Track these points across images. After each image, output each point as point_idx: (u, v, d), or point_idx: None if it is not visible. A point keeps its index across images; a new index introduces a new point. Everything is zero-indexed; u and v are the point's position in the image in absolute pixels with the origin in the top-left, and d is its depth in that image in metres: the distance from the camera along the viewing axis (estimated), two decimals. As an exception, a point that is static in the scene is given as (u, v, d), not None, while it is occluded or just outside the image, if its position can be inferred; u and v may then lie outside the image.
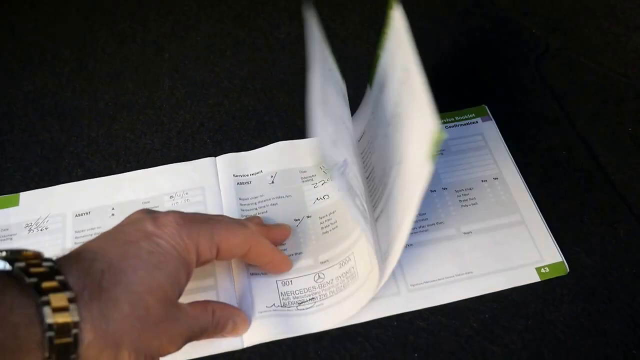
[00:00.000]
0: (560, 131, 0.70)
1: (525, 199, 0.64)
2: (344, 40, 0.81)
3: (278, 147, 0.68)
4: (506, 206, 0.64)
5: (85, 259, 0.43)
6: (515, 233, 0.62)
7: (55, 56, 0.79)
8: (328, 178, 0.65)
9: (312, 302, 0.57)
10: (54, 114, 0.73)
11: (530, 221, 0.62)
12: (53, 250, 0.61)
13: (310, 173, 0.66)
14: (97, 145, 0.70)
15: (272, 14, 0.84)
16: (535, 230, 0.62)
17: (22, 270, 0.39)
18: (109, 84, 0.76)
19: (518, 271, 0.59)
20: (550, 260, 0.59)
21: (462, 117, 0.71)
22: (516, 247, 0.61)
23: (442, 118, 0.71)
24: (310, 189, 0.65)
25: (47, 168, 0.68)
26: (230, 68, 0.78)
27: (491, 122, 0.71)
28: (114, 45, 0.81)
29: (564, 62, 0.77)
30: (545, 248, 0.60)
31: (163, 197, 0.65)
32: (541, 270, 0.59)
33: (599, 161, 0.67)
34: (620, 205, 0.64)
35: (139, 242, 0.46)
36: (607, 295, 0.57)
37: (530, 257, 0.60)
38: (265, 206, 0.64)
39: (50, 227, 0.63)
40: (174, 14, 0.84)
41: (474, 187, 0.65)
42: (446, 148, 0.68)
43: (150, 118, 0.73)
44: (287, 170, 0.67)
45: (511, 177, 0.66)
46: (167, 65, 0.78)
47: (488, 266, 0.59)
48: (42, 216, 0.64)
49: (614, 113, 0.72)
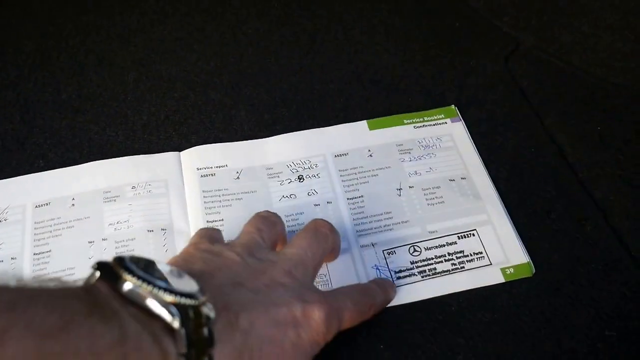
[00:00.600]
0: (529, 129, 0.70)
1: (492, 200, 0.63)
2: (312, 35, 0.80)
3: (244, 144, 0.68)
4: (473, 205, 0.63)
5: (240, 330, 0.42)
6: (481, 233, 0.61)
7: (17, 48, 0.78)
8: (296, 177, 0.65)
9: None
10: (15, 105, 0.71)
11: (496, 221, 0.62)
12: (12, 241, 0.60)
13: (276, 170, 0.66)
14: (59, 137, 0.68)
15: (239, 8, 0.84)
16: (502, 231, 0.61)
17: (186, 334, 0.36)
18: (72, 76, 0.75)
19: (483, 271, 0.58)
20: (516, 261, 0.59)
21: (432, 118, 0.71)
22: (481, 247, 0.60)
23: (411, 118, 0.70)
24: (277, 186, 0.64)
25: (8, 159, 0.66)
26: (197, 62, 0.77)
27: (460, 123, 0.70)
28: (78, 38, 0.79)
29: (533, 60, 0.77)
30: (510, 249, 0.60)
31: (124, 187, 0.64)
32: (506, 271, 0.58)
33: (567, 159, 0.67)
34: (588, 202, 0.64)
35: (287, 329, 0.45)
36: (574, 290, 0.57)
37: (495, 258, 0.59)
38: (230, 200, 0.63)
39: (9, 219, 0.62)
40: (140, 7, 0.83)
41: (441, 186, 0.65)
42: (414, 147, 0.68)
43: (115, 110, 0.71)
44: (253, 167, 0.66)
45: (479, 178, 0.65)
46: (132, 58, 0.77)
47: (452, 265, 0.59)
48: (1, 207, 0.63)
49: (582, 111, 0.72)
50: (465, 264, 0.59)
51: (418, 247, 0.60)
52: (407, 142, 0.68)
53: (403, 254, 0.60)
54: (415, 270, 0.59)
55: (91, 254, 0.60)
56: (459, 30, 0.81)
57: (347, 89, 0.74)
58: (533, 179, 0.66)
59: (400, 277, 0.58)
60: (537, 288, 0.57)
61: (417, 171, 0.66)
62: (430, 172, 0.66)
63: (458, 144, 0.68)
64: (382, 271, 0.58)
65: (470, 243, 0.60)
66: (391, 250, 0.60)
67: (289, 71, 0.76)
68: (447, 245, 0.60)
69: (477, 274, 0.58)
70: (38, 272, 0.58)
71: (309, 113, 0.71)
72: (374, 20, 0.82)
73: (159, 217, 0.62)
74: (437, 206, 0.63)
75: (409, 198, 0.64)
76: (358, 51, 0.78)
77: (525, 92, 0.74)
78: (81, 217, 0.62)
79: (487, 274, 0.58)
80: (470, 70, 0.76)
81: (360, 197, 0.64)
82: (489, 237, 0.61)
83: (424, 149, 0.68)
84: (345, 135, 0.69)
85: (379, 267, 0.59)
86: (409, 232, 0.61)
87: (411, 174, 0.66)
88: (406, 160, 0.67)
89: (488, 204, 0.63)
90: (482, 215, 0.62)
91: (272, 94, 0.73)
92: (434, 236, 0.61)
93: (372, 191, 0.64)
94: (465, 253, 0.60)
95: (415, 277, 0.58)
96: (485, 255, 0.60)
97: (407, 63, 0.77)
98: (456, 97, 0.73)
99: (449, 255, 0.60)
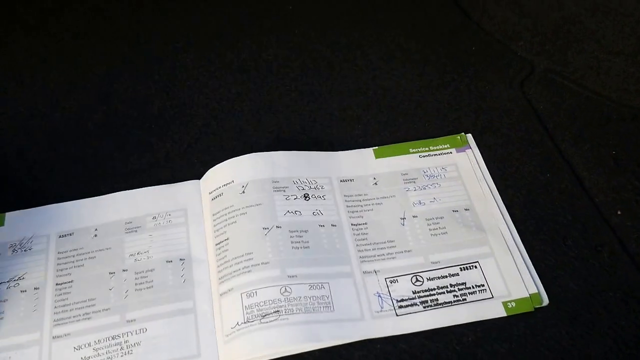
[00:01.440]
0: (544, 153, 0.71)
1: (495, 232, 0.64)
2: (330, 62, 0.82)
3: (252, 157, 0.68)
4: (475, 237, 0.64)
5: None
6: (483, 265, 0.62)
7: (45, 77, 0.80)
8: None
9: (277, 315, 0.57)
10: (43, 134, 0.74)
11: (499, 254, 0.62)
12: (36, 271, 0.62)
13: (282, 184, 0.66)
14: (85, 165, 0.70)
15: (260, 35, 0.85)
16: (504, 264, 0.62)
17: None
18: (98, 104, 0.77)
19: (484, 304, 0.59)
20: (517, 295, 0.59)
21: (437, 147, 0.71)
22: (483, 279, 0.61)
23: (417, 147, 0.71)
24: (282, 200, 0.65)
25: (37, 187, 0.68)
26: (219, 89, 0.79)
27: (465, 154, 0.71)
28: (104, 66, 0.81)
29: (548, 84, 0.78)
30: (512, 282, 0.60)
31: (146, 218, 0.66)
32: (508, 305, 0.59)
33: (583, 184, 0.68)
34: (604, 228, 0.64)
35: None
36: (591, 319, 0.57)
37: (497, 291, 0.60)
38: (234, 216, 0.64)
39: (34, 248, 0.64)
40: (164, 34, 0.85)
41: (444, 217, 0.65)
42: (419, 177, 0.69)
43: (139, 139, 0.73)
44: (259, 179, 0.66)
45: (483, 209, 0.66)
46: (156, 87, 0.79)
47: (454, 297, 0.60)
48: (26, 237, 0.64)
49: (597, 135, 0.72)
50: (467, 296, 0.60)
51: (420, 277, 0.61)
52: (412, 171, 0.69)
53: (405, 283, 0.61)
54: (417, 300, 0.59)
55: (112, 285, 0.61)
56: (475, 54, 0.82)
57: (365, 115, 0.75)
58: (549, 204, 0.66)
59: (402, 307, 0.59)
60: (554, 317, 0.58)
61: (422, 201, 0.67)
62: (434, 202, 0.67)
63: (462, 175, 0.69)
64: (384, 299, 0.59)
65: (472, 275, 0.61)
66: (393, 279, 0.61)
67: (308, 98, 0.77)
68: (449, 277, 0.61)
69: (478, 307, 0.59)
70: (59, 302, 0.60)
71: (328, 140, 0.72)
72: (391, 46, 0.84)
73: (178, 247, 0.64)
74: (440, 237, 0.64)
75: (412, 228, 0.65)
76: (376, 77, 0.80)
77: (540, 116, 0.75)
78: (103, 248, 0.64)
79: (488, 308, 0.59)
80: (486, 95, 0.77)
81: (364, 224, 0.65)
82: (491, 270, 0.61)
83: (428, 179, 0.69)
84: (352, 161, 0.70)
85: (381, 294, 0.60)
86: (412, 261, 0.62)
87: (415, 203, 0.67)
88: (411, 189, 0.68)
89: (491, 236, 0.64)
90: (485, 247, 0.63)
91: (291, 121, 0.75)
92: (437, 267, 0.62)
93: (376, 219, 0.65)
94: (467, 285, 0.60)
95: (417, 307, 0.59)
96: (487, 288, 0.60)
97: (423, 88, 0.78)
98: (472, 122, 0.74)
99: (451, 287, 0.60)
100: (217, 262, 0.62)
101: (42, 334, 0.58)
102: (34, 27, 0.86)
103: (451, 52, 0.83)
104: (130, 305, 0.60)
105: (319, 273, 0.60)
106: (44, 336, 0.58)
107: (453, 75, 0.80)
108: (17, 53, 0.83)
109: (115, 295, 0.60)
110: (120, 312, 0.59)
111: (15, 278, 0.62)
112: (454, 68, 0.81)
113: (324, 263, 0.61)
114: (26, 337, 0.58)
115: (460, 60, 0.81)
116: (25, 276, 0.62)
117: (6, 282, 0.61)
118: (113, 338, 0.58)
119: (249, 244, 0.61)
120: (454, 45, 0.84)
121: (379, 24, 0.87)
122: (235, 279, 0.59)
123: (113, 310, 0.59)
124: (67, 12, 0.87)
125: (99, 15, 0.88)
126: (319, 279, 0.60)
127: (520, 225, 0.64)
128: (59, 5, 0.88)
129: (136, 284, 0.61)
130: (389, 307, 0.59)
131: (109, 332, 0.58)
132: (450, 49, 0.83)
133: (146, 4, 0.89)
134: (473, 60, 0.82)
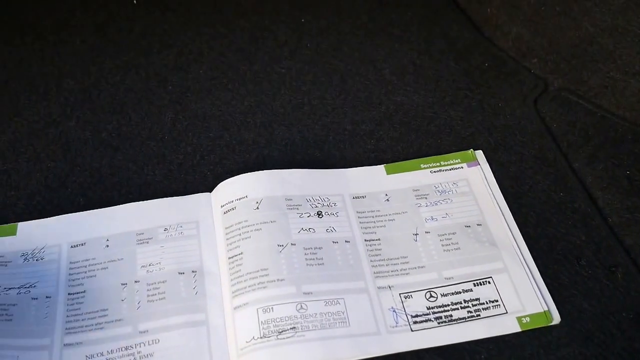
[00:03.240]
0: (558, 172, 0.71)
1: (508, 247, 0.64)
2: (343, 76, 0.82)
3: (265, 174, 0.68)
4: (488, 252, 0.64)
5: None
6: (497, 280, 0.62)
7: (59, 86, 0.80)
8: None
9: (293, 332, 0.57)
10: (57, 143, 0.74)
11: (512, 269, 0.62)
12: (48, 280, 0.62)
13: (296, 202, 0.67)
14: (99, 175, 0.71)
15: (273, 48, 0.86)
16: (518, 279, 0.62)
17: None
18: (112, 114, 0.77)
19: (499, 320, 0.59)
20: (532, 310, 0.59)
21: (448, 162, 0.71)
22: (497, 295, 0.61)
23: (428, 162, 0.71)
24: (296, 218, 0.65)
25: (50, 197, 0.69)
26: (231, 101, 0.79)
27: (476, 168, 0.71)
28: (118, 76, 0.82)
29: (562, 103, 0.78)
30: (526, 297, 0.60)
31: (157, 229, 0.66)
32: (522, 320, 0.59)
33: (597, 203, 0.68)
34: (618, 249, 0.64)
35: None
36: (604, 340, 0.57)
37: (511, 306, 0.60)
38: (249, 231, 0.64)
39: (46, 258, 0.64)
40: (177, 46, 0.86)
41: (457, 232, 0.65)
42: (430, 192, 0.69)
43: (153, 150, 0.73)
44: (274, 197, 0.66)
45: (495, 224, 0.66)
46: (169, 97, 0.79)
47: (468, 313, 0.60)
48: (38, 247, 0.65)
49: (611, 155, 0.72)
50: (481, 311, 0.59)
51: (434, 292, 0.61)
52: (424, 187, 0.69)
53: (419, 299, 0.60)
54: (431, 315, 0.59)
55: (124, 296, 0.61)
56: (488, 71, 0.82)
57: (378, 130, 0.75)
58: (562, 223, 0.66)
59: (417, 322, 0.59)
60: (567, 336, 0.58)
61: (434, 216, 0.67)
62: (446, 218, 0.67)
63: (474, 189, 0.69)
64: (399, 314, 0.59)
65: (486, 290, 0.61)
66: (408, 294, 0.61)
67: (321, 111, 0.77)
68: (463, 292, 0.61)
69: (493, 323, 0.59)
70: (71, 312, 0.60)
71: (341, 154, 0.72)
72: (404, 61, 0.84)
73: (189, 259, 0.64)
74: (453, 252, 0.64)
75: (425, 243, 0.65)
76: (389, 92, 0.80)
77: (554, 134, 0.75)
78: (115, 259, 0.64)
79: (503, 323, 0.59)
80: (499, 112, 0.77)
81: (378, 240, 0.65)
82: (504, 285, 0.61)
83: (440, 194, 0.69)
84: (363, 178, 0.70)
85: (396, 310, 0.60)
86: (426, 277, 0.62)
87: (427, 219, 0.67)
88: (422, 205, 0.68)
89: (504, 251, 0.64)
90: (498, 262, 0.63)
91: (304, 134, 0.75)
92: (450, 282, 0.62)
93: (389, 235, 0.65)
94: (481, 301, 0.60)
95: (431, 323, 0.59)
96: (501, 303, 0.60)
97: (436, 104, 0.78)
98: (485, 139, 0.74)
99: (465, 303, 0.60)
100: (231, 275, 0.62)
101: (53, 340, 0.58)
102: (48, 36, 0.86)
103: (464, 68, 0.83)
104: (142, 316, 0.60)
105: (334, 289, 0.60)
106: (54, 342, 0.58)
107: (466, 92, 0.80)
108: (31, 62, 0.83)
109: (128, 306, 0.60)
110: (133, 322, 0.59)
111: (26, 285, 0.62)
112: (466, 84, 0.81)
113: (339, 279, 0.61)
114: (35, 341, 0.58)
115: (473, 77, 0.82)
116: (36, 284, 0.62)
117: (17, 288, 0.61)
118: (126, 349, 0.58)
119: (264, 260, 0.61)
120: (467, 61, 0.84)
121: (392, 38, 0.87)
122: (251, 294, 0.59)
123: (126, 320, 0.59)
124: (81, 22, 0.88)
125: (113, 25, 0.88)
126: (334, 295, 0.60)
127: (534, 244, 0.64)
128: (73, 14, 0.89)
129: (148, 295, 0.61)
130: (404, 323, 0.59)
131: (122, 343, 0.58)
132: (463, 65, 0.83)
133: (160, 15, 0.90)
134: (486, 77, 0.82)
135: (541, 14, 0.82)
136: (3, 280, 0.62)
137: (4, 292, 0.61)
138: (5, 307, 0.60)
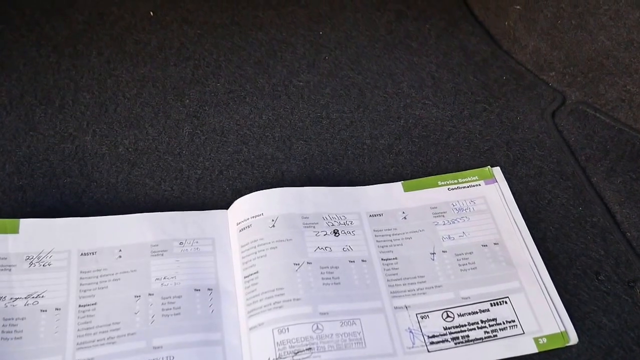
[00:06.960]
0: (576, 186, 0.71)
1: (525, 267, 0.64)
2: (361, 89, 0.82)
3: (281, 191, 0.68)
4: (505, 272, 0.64)
5: None
6: (514, 300, 0.61)
7: (76, 100, 0.80)
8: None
9: (309, 353, 0.57)
10: (74, 158, 0.73)
11: (529, 289, 0.62)
12: (57, 290, 0.60)
13: (312, 220, 0.66)
14: (116, 191, 0.70)
15: (291, 61, 0.85)
16: (534, 299, 0.61)
17: None
18: (129, 129, 0.77)
19: (515, 340, 0.59)
20: (549, 331, 0.59)
21: (465, 180, 0.71)
22: (514, 315, 0.60)
23: (445, 180, 0.71)
24: (312, 236, 0.65)
25: (66, 213, 0.68)
26: (250, 115, 0.79)
27: (494, 186, 0.71)
28: (135, 90, 0.81)
29: (580, 116, 0.78)
30: (543, 318, 0.60)
31: (172, 242, 0.65)
32: (539, 341, 0.59)
33: (615, 218, 0.68)
34: (637, 263, 0.64)
35: None
36: (624, 356, 0.57)
37: (528, 327, 0.60)
38: (264, 250, 0.64)
39: (53, 264, 0.61)
40: (194, 59, 0.85)
41: (474, 252, 0.65)
42: (448, 210, 0.69)
43: (170, 164, 0.73)
44: (290, 214, 0.66)
45: (512, 243, 0.66)
46: (187, 111, 0.79)
47: (485, 333, 0.59)
48: (45, 250, 0.62)
49: (630, 169, 0.72)
50: (498, 332, 0.59)
51: (451, 312, 0.61)
52: (441, 204, 0.69)
53: (436, 319, 0.60)
54: (448, 336, 0.59)
55: (137, 309, 0.60)
56: (506, 84, 0.82)
57: (397, 144, 0.75)
58: (581, 238, 0.66)
59: (434, 343, 0.59)
60: (587, 352, 0.58)
61: (451, 235, 0.66)
62: (463, 237, 0.66)
63: (492, 207, 0.69)
64: (416, 335, 0.59)
65: (503, 311, 0.61)
66: (424, 315, 0.61)
67: (339, 125, 0.77)
68: (480, 313, 0.61)
69: (510, 343, 0.58)
70: (82, 325, 0.58)
71: (360, 169, 0.72)
72: (422, 74, 0.84)
73: (206, 276, 0.63)
74: (470, 272, 0.64)
75: (442, 263, 0.65)
76: (407, 105, 0.80)
77: (572, 148, 0.75)
78: (128, 270, 0.62)
79: (519, 344, 0.58)
80: (518, 125, 0.77)
81: (395, 259, 0.65)
82: (521, 305, 0.61)
83: (457, 212, 0.68)
84: (380, 195, 0.70)
85: (413, 330, 0.59)
86: (443, 297, 0.62)
87: (444, 238, 0.66)
88: (440, 223, 0.67)
89: (520, 270, 0.64)
90: (515, 282, 0.63)
91: (323, 149, 0.75)
92: (467, 302, 0.61)
93: (406, 254, 0.65)
94: (498, 321, 0.60)
95: (448, 344, 0.59)
96: (518, 323, 0.60)
97: (455, 118, 0.78)
98: (504, 153, 0.74)
99: (482, 323, 0.60)
100: (246, 295, 0.61)
101: (65, 357, 0.56)
102: (64, 49, 0.86)
103: (482, 81, 0.83)
104: (156, 331, 0.58)
105: (350, 309, 0.60)
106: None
107: (484, 105, 0.80)
108: (47, 75, 0.83)
109: (141, 319, 0.59)
110: (147, 337, 0.58)
111: (34, 295, 0.59)
112: (485, 97, 0.81)
113: (355, 299, 0.61)
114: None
115: (491, 90, 0.81)
116: (45, 294, 0.60)
117: (24, 298, 0.59)
118: None
119: (280, 279, 0.61)
120: (485, 74, 0.84)
121: (410, 51, 0.87)
122: (266, 314, 0.59)
123: (139, 335, 0.58)
124: (98, 35, 0.88)
125: (129, 38, 0.88)
126: (351, 315, 0.60)
127: (552, 259, 0.64)
128: (89, 27, 0.89)
129: (163, 309, 0.60)
130: (421, 343, 0.58)
131: (135, 358, 0.56)
132: (482, 79, 0.83)
133: (176, 27, 0.90)
134: (504, 90, 0.82)
135: (558, 28, 0.82)
136: (8, 288, 0.59)
137: (11, 303, 0.59)
138: (14, 322, 0.58)
